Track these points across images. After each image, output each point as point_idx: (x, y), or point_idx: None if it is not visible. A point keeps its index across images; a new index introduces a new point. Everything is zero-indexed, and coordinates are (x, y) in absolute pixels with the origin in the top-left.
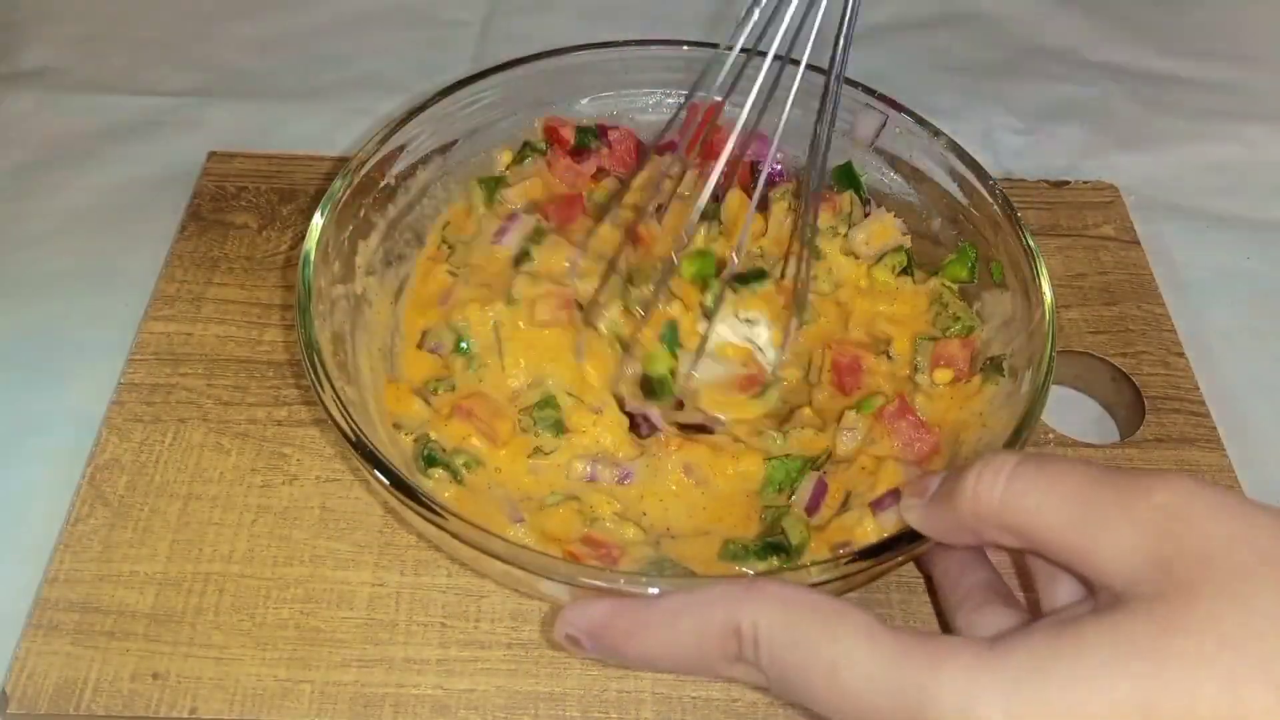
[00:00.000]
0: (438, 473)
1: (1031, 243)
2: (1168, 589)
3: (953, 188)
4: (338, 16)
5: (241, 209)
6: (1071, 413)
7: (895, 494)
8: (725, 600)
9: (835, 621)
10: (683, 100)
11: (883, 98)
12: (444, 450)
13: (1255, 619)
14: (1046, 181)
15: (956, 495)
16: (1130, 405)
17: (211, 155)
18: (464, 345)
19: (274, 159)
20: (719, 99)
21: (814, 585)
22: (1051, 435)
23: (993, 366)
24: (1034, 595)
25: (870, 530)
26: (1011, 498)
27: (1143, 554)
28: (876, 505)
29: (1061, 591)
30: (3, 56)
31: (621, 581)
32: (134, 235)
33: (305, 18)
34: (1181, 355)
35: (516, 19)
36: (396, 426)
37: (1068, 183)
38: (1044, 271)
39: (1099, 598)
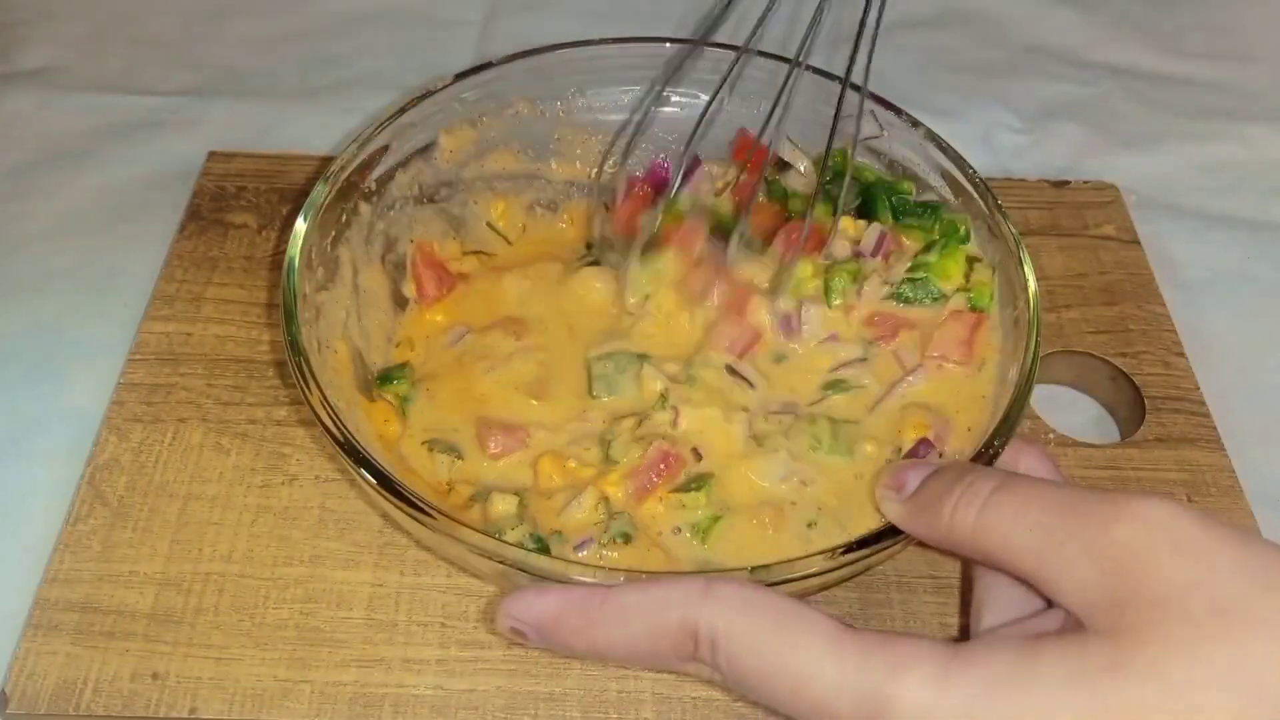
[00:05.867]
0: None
1: (1013, 229)
2: (1120, 629)
3: (934, 178)
4: (338, 16)
5: (241, 209)
6: (1071, 413)
7: (927, 443)
8: (682, 602)
9: (796, 626)
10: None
11: (856, 88)
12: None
13: (1200, 671)
14: (1046, 181)
15: (935, 513)
16: (1130, 405)
17: (211, 155)
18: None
19: (274, 159)
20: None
21: (818, 575)
22: (1052, 435)
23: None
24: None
25: None
26: (982, 528)
27: (1099, 591)
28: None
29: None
30: (2, 56)
31: (621, 579)
32: (133, 235)
33: (305, 17)
34: (1182, 355)
35: (517, 19)
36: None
37: (1068, 183)
38: (1027, 259)
39: (1065, 618)
